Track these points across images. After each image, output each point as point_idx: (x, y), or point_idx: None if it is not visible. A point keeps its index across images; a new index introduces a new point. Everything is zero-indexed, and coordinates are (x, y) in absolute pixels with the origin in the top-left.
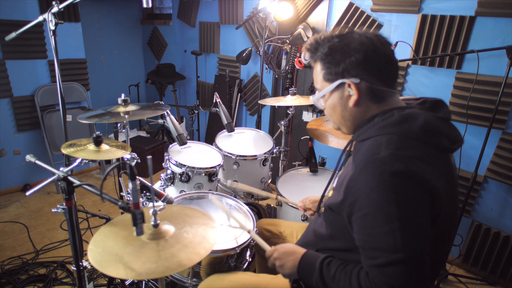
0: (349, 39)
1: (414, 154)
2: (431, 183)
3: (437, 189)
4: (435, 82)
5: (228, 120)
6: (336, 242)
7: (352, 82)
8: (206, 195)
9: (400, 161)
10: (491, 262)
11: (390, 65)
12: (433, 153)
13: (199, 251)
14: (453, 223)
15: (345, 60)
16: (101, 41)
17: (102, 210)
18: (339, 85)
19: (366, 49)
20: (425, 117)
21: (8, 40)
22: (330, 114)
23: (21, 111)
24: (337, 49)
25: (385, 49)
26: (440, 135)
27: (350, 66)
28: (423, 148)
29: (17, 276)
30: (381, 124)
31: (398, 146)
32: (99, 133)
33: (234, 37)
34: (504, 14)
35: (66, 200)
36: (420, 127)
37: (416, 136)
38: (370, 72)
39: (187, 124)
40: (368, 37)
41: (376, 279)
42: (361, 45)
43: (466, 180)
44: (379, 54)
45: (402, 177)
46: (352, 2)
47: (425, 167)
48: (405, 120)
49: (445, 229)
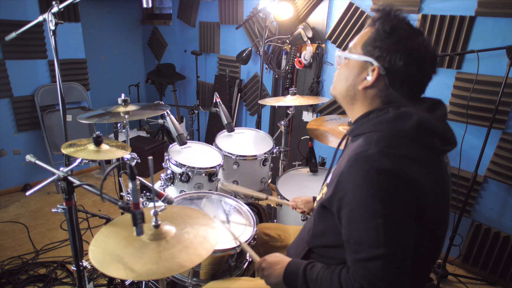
0: (413, 38)
1: (403, 153)
2: (418, 183)
3: (424, 189)
4: (435, 82)
5: (228, 120)
6: (327, 238)
7: (379, 69)
8: (206, 195)
9: (388, 158)
10: (491, 262)
11: (418, 85)
12: (423, 153)
13: (200, 252)
14: (442, 225)
15: (391, 50)
16: (101, 41)
17: (102, 210)
18: (366, 62)
19: (413, 59)
20: (419, 116)
21: (8, 40)
22: (337, 80)
23: (21, 111)
24: (396, 35)
25: (427, 70)
26: (432, 136)
27: (390, 56)
28: (413, 148)
29: (17, 276)
30: (375, 121)
31: (388, 144)
32: (99, 133)
33: (234, 37)
34: (504, 14)
35: (66, 200)
36: (413, 127)
37: (407, 135)
38: (399, 77)
39: (187, 124)
40: (427, 49)
41: (356, 274)
42: (415, 49)
43: (466, 180)
44: (419, 71)
45: (388, 174)
46: (352, 2)
47: (414, 166)
48: (398, 118)
49: (434, 230)
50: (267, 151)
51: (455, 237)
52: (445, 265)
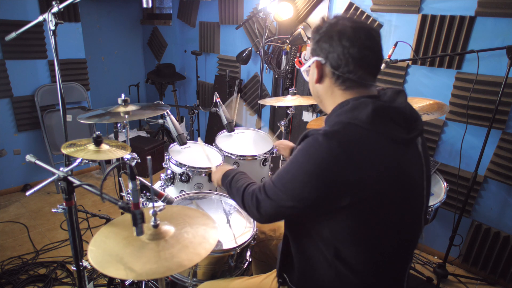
0: (333, 24)
1: (349, 136)
2: (356, 163)
3: (363, 172)
4: (435, 82)
5: (228, 120)
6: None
7: (317, 60)
8: (206, 195)
9: (332, 134)
10: (491, 262)
11: (356, 58)
12: (377, 140)
13: (199, 251)
14: (400, 223)
15: (319, 41)
16: (101, 41)
17: (102, 210)
18: (314, 62)
19: (335, 36)
20: (374, 105)
21: (8, 40)
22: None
23: (21, 111)
24: (320, 31)
25: (356, 41)
26: (389, 123)
27: (320, 48)
28: (365, 134)
29: (17, 276)
30: (337, 112)
31: (338, 128)
32: (99, 133)
33: (234, 37)
34: (504, 14)
35: (66, 200)
36: (368, 115)
37: (361, 123)
38: (335, 58)
39: (187, 124)
40: (345, 26)
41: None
42: (335, 32)
43: (466, 180)
44: (344, 46)
45: (325, 138)
46: (352, 2)
47: (358, 148)
48: (356, 108)
49: (385, 220)
50: (267, 151)
51: (455, 237)
52: (445, 265)
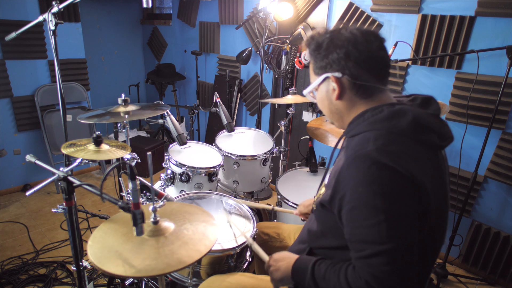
0: (336, 35)
1: (401, 150)
2: (417, 178)
3: (424, 185)
4: (435, 82)
5: (228, 120)
6: (327, 239)
7: (334, 76)
8: (206, 195)
9: (387, 155)
10: (491, 262)
11: (374, 61)
12: (420, 149)
13: (199, 248)
14: (442, 222)
15: (328, 55)
16: (101, 41)
17: (102, 210)
18: (325, 80)
19: (348, 45)
20: (414, 113)
21: (8, 40)
22: (321, 108)
23: (21, 111)
24: (323, 45)
25: (368, 45)
26: (429, 132)
27: (332, 61)
28: (410, 144)
29: (17, 276)
30: (370, 120)
31: (385, 141)
32: (99, 133)
33: (234, 37)
34: (504, 14)
35: (66, 200)
36: (408, 124)
37: (404, 132)
38: (353, 67)
39: (187, 124)
40: (353, 33)
41: (361, 271)
42: (344, 41)
43: (466, 180)
44: (360, 50)
45: (388, 170)
46: (352, 2)
47: (412, 162)
48: (394, 116)
49: (435, 227)
50: (267, 151)
51: (455, 237)
52: (445, 265)
